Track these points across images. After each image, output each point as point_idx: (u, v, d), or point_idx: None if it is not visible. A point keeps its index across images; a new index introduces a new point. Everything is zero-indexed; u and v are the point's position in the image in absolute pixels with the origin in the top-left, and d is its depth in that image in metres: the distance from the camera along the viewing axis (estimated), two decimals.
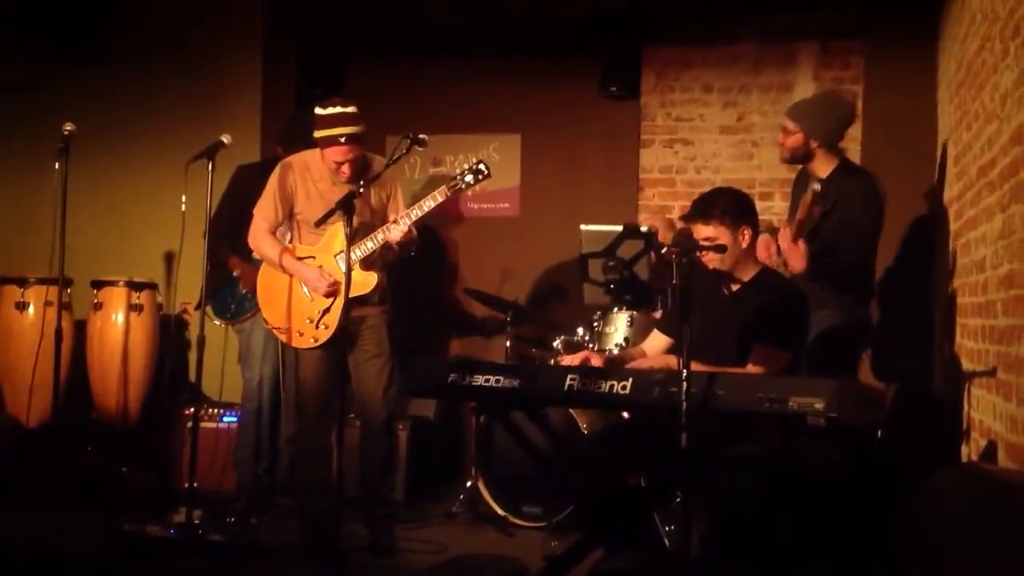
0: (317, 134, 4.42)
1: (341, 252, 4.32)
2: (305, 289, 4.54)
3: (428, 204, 4.42)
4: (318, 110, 4.42)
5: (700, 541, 3.53)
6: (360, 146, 4.44)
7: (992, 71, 4.05)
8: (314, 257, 4.55)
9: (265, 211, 4.58)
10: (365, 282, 4.48)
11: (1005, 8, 3.79)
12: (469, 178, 4.44)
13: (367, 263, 4.49)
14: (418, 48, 6.70)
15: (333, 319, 4.47)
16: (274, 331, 4.66)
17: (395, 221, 4.44)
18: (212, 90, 6.41)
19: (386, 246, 4.48)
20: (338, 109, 4.39)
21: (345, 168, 4.43)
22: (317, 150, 4.51)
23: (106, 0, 6.47)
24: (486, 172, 4.46)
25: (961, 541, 2.52)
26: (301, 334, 4.54)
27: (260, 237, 4.60)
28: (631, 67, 6.53)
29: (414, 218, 4.44)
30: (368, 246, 4.44)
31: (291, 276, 4.56)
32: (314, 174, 4.54)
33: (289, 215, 4.59)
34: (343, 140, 4.36)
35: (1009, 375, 3.51)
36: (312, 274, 4.49)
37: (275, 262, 4.55)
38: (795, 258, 4.30)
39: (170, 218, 4.88)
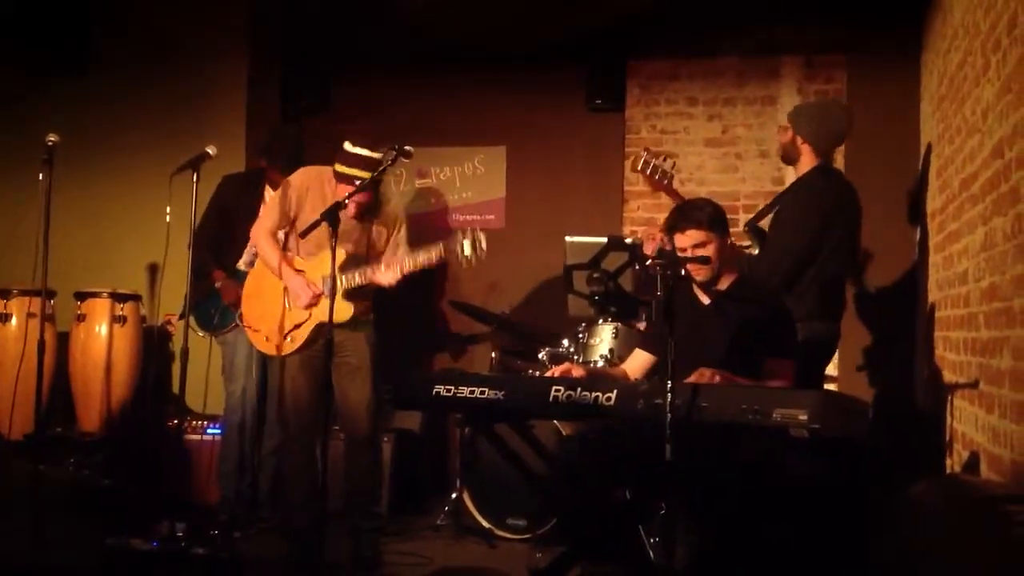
0: (338, 168, 4.48)
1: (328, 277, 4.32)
2: (286, 301, 4.56)
3: (422, 259, 4.43)
4: (347, 146, 4.49)
5: (685, 553, 3.53)
6: (372, 194, 4.52)
7: (974, 85, 4.08)
8: (303, 272, 4.57)
9: (273, 215, 4.67)
10: (341, 311, 4.41)
11: (986, 22, 3.82)
12: (468, 252, 4.39)
13: (348, 295, 4.51)
14: (404, 60, 6.71)
15: (302, 335, 4.55)
16: (246, 329, 4.70)
17: (388, 267, 4.46)
18: (197, 101, 6.39)
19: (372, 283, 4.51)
20: (365, 152, 4.45)
21: (351, 207, 4.46)
22: (330, 167, 4.57)
23: (90, 11, 6.45)
24: (483, 245, 4.41)
25: (943, 552, 2.53)
26: (268, 339, 4.62)
27: (263, 236, 4.67)
28: (616, 80, 6.56)
29: (407, 269, 4.45)
30: (356, 279, 4.46)
31: (280, 280, 4.58)
32: (326, 187, 4.59)
33: (292, 224, 4.63)
34: (358, 183, 4.41)
35: (991, 387, 3.53)
36: (299, 283, 4.52)
37: (274, 266, 4.61)
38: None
39: (154, 229, 4.86)
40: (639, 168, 4.59)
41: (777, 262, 4.36)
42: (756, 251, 4.57)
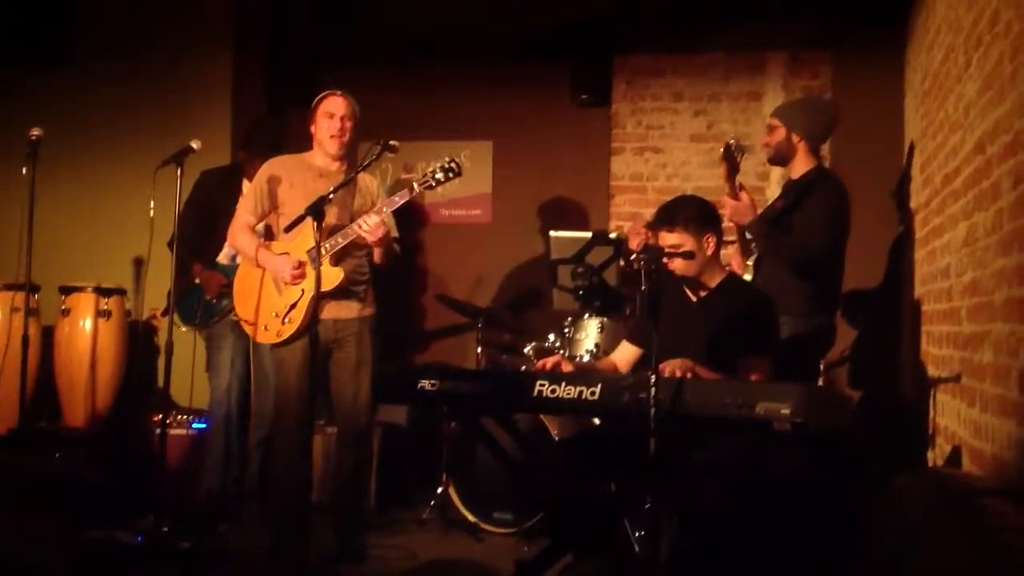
0: (316, 100, 4.59)
1: (313, 248, 4.31)
2: (275, 285, 4.55)
3: (398, 199, 4.45)
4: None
5: (669, 547, 3.55)
6: (352, 110, 4.56)
7: (956, 81, 4.10)
8: (288, 253, 4.55)
9: (248, 205, 4.62)
10: (331, 276, 4.45)
11: (968, 19, 3.84)
12: (440, 175, 4.46)
13: (336, 258, 4.49)
14: (390, 54, 6.70)
15: (299, 315, 4.45)
16: (243, 323, 4.68)
17: (368, 216, 4.45)
18: (182, 95, 6.38)
19: (360, 243, 4.48)
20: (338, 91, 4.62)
21: (335, 126, 4.50)
22: (302, 153, 4.60)
23: (73, 3, 6.42)
24: (458, 170, 4.49)
25: (924, 545, 2.54)
26: (266, 328, 4.56)
27: (238, 232, 4.64)
28: (602, 75, 6.56)
29: (385, 212, 4.46)
30: (339, 240, 4.45)
31: (264, 270, 4.57)
32: (299, 167, 4.60)
33: (272, 210, 4.61)
34: (339, 94, 4.53)
35: (973, 381, 3.55)
36: (278, 261, 4.50)
37: (250, 255, 4.57)
38: (742, 211, 4.36)
39: (139, 224, 4.86)
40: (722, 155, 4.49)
41: (801, 249, 4.34)
42: (759, 247, 4.57)
